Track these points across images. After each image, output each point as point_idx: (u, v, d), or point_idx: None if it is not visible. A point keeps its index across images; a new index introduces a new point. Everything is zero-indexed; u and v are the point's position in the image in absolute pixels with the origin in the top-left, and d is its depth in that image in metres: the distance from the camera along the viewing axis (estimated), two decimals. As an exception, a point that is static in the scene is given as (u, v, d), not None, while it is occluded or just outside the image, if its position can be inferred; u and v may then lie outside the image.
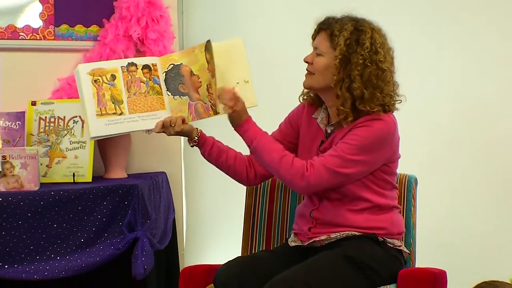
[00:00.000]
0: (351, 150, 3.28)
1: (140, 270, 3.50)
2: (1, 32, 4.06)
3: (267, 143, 3.35)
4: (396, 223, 3.49)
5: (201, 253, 5.16)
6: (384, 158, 3.40)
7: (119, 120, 3.45)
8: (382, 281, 3.34)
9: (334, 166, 3.26)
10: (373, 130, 3.33)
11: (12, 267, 3.46)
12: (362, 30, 3.35)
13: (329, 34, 3.35)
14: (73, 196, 3.55)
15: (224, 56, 3.51)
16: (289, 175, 3.29)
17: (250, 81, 3.50)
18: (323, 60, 3.36)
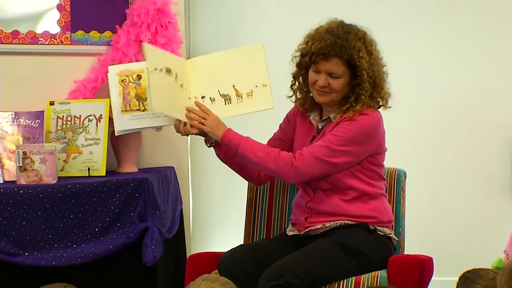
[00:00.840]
0: (338, 141, 3.30)
1: (150, 257, 3.51)
2: (21, 37, 4.06)
3: (251, 145, 3.35)
4: (385, 212, 3.49)
5: (206, 241, 5.16)
6: (370, 150, 3.42)
7: (142, 116, 3.49)
8: (374, 267, 3.35)
9: (322, 156, 3.28)
10: (359, 124, 3.35)
11: (32, 254, 3.47)
12: (367, 42, 3.39)
13: (345, 60, 3.32)
14: (88, 189, 3.55)
15: (244, 60, 3.53)
16: (277, 167, 3.30)
17: (268, 84, 3.51)
18: (342, 82, 3.36)
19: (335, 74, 3.34)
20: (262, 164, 3.36)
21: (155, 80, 3.31)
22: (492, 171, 5.33)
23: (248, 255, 3.36)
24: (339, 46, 3.31)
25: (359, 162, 3.40)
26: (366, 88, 3.34)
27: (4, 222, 3.44)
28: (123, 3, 4.12)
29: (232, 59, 3.56)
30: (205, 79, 3.51)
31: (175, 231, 3.96)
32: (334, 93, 3.36)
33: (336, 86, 3.35)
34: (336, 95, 3.38)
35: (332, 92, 3.36)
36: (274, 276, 3.13)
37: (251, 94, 3.50)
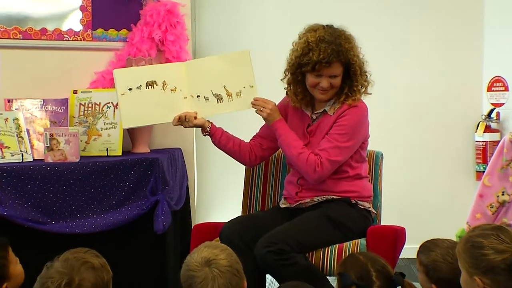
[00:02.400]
0: (344, 138, 3.35)
1: (160, 226, 3.50)
2: (49, 34, 4.04)
3: (290, 141, 3.41)
4: (366, 189, 3.51)
5: (209, 213, 5.16)
6: (363, 136, 3.44)
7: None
8: (355, 236, 3.36)
9: (335, 157, 3.33)
10: (354, 116, 3.38)
11: (58, 223, 3.45)
12: (352, 40, 3.41)
13: (344, 63, 3.35)
14: (107, 167, 3.53)
15: (234, 64, 3.54)
16: (304, 169, 3.36)
17: (255, 86, 3.55)
18: (339, 79, 3.39)
19: (335, 75, 3.36)
20: (292, 160, 3.44)
21: (126, 101, 3.41)
22: (457, 154, 5.37)
23: (246, 225, 3.36)
24: (337, 52, 3.31)
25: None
26: (359, 79, 3.40)
27: (33, 195, 3.42)
28: (138, 4, 4.10)
29: (223, 63, 3.58)
30: (199, 81, 3.54)
31: (182, 204, 3.95)
32: (334, 89, 3.39)
33: (336, 84, 3.38)
34: (335, 91, 3.40)
35: (332, 89, 3.38)
36: (268, 243, 3.12)
37: (240, 94, 3.54)
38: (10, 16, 4.00)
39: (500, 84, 5.12)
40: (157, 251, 3.64)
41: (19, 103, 3.87)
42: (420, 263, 2.75)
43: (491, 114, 5.16)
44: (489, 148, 5.07)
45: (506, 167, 3.70)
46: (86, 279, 2.33)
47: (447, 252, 2.67)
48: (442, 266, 2.67)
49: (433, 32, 5.32)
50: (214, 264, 2.36)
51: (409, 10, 5.32)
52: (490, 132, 5.14)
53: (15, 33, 4.00)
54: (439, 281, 2.67)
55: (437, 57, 5.34)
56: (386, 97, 4.33)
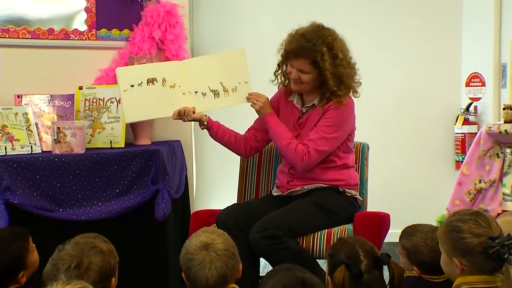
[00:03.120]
0: (330, 129, 3.36)
1: (160, 213, 3.50)
2: (56, 34, 4.03)
3: (279, 132, 3.43)
4: (353, 177, 3.52)
5: (207, 200, 5.16)
6: (349, 129, 3.45)
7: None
8: (342, 222, 3.37)
9: (321, 146, 3.34)
10: (340, 110, 3.37)
11: (65, 211, 3.45)
12: (333, 47, 3.35)
13: (310, 61, 3.32)
14: (111, 158, 3.53)
15: (229, 61, 3.56)
16: (292, 158, 3.38)
17: (249, 82, 3.57)
18: (310, 76, 3.37)
19: (304, 70, 3.35)
20: (282, 150, 3.45)
21: (128, 97, 3.42)
22: (437, 145, 5.39)
23: (241, 212, 3.36)
24: (306, 48, 3.32)
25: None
26: (330, 85, 3.34)
27: (42, 184, 3.42)
28: (139, 6, 4.09)
29: (219, 60, 3.59)
30: (197, 77, 3.55)
31: (181, 192, 3.95)
32: (304, 84, 3.38)
33: (305, 79, 3.37)
34: (306, 86, 3.41)
35: (303, 83, 3.38)
36: (261, 229, 3.14)
37: (236, 89, 3.57)
38: (19, 17, 3.99)
39: (478, 80, 5.13)
40: (158, 236, 3.64)
41: (28, 99, 3.86)
42: (402, 247, 2.76)
43: (469, 108, 5.18)
44: (467, 139, 5.08)
45: (483, 157, 3.71)
46: (94, 262, 2.34)
47: (428, 236, 2.68)
48: (422, 250, 2.68)
49: (416, 33, 5.36)
50: (212, 248, 2.37)
51: (392, 13, 5.35)
52: (468, 124, 5.16)
53: (24, 33, 3.99)
54: (420, 263, 2.68)
55: (419, 55, 5.37)
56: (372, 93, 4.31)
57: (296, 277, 1.87)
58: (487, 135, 3.68)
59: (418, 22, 5.34)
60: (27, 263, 2.62)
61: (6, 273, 2.55)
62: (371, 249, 2.24)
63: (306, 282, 1.86)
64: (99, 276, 2.32)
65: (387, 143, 5.22)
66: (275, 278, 1.89)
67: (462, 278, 2.29)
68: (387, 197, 4.65)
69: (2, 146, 3.57)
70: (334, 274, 2.18)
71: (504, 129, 3.62)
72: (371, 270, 2.15)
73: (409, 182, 5.36)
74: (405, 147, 5.39)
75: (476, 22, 5.17)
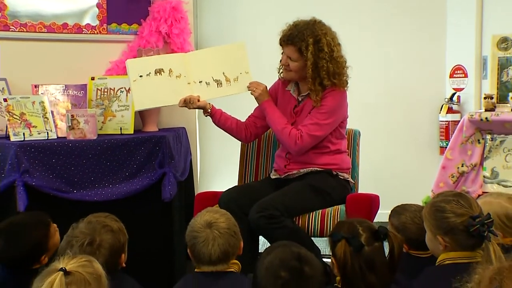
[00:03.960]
0: (323, 116, 3.35)
1: (167, 195, 3.51)
2: (70, 28, 4.02)
3: (275, 118, 3.44)
4: (345, 162, 3.52)
5: (210, 183, 5.17)
6: (341, 117, 3.45)
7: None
8: (336, 202, 3.37)
9: (314, 132, 3.34)
10: (333, 98, 3.38)
11: (79, 192, 3.45)
12: (320, 40, 3.33)
13: (297, 49, 3.34)
14: (121, 143, 3.53)
15: (231, 54, 3.56)
16: (286, 142, 3.38)
17: (249, 72, 3.57)
18: (297, 64, 3.38)
19: (292, 57, 3.37)
20: (277, 134, 3.47)
21: (137, 87, 3.42)
22: (423, 131, 5.40)
23: (241, 194, 3.37)
24: (294, 36, 3.33)
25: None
26: (308, 74, 3.34)
27: (57, 167, 3.41)
28: (147, 2, 4.08)
29: (222, 53, 3.60)
30: (201, 68, 3.55)
31: (186, 175, 3.95)
32: (292, 72, 3.39)
33: (292, 67, 3.39)
34: (295, 74, 3.42)
35: (291, 71, 3.38)
36: (260, 209, 3.14)
37: (237, 79, 3.57)
38: (36, 12, 3.97)
39: (461, 72, 5.13)
40: (164, 216, 3.65)
41: (44, 88, 3.86)
42: (391, 225, 2.77)
43: (453, 98, 5.17)
44: (451, 127, 5.08)
45: (465, 143, 3.71)
46: (105, 240, 2.35)
47: (415, 215, 2.69)
48: (410, 227, 2.68)
49: (404, 29, 5.37)
50: (215, 226, 2.37)
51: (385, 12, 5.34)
52: (452, 113, 5.16)
53: (40, 27, 3.98)
54: (408, 240, 2.69)
55: (407, 50, 5.38)
56: (364, 84, 4.32)
57: (292, 252, 1.88)
58: (469, 123, 3.68)
59: (407, 19, 5.35)
60: (48, 247, 2.63)
61: (28, 257, 2.56)
62: (370, 225, 2.23)
63: (301, 257, 1.87)
64: (109, 252, 2.32)
65: (377, 130, 5.22)
66: (273, 254, 1.90)
67: (445, 254, 2.30)
68: (377, 180, 4.65)
69: (21, 132, 3.57)
70: (335, 250, 2.16)
71: (485, 116, 3.62)
72: (371, 242, 2.13)
73: (397, 166, 5.37)
74: (394, 134, 5.39)
75: (459, 18, 5.16)
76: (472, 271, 1.77)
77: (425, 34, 5.36)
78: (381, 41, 5.35)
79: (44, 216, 2.71)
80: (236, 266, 2.43)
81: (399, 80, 5.38)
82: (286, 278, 1.82)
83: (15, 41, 3.95)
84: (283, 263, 1.85)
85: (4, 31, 3.91)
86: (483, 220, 2.18)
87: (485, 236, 2.15)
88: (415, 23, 5.35)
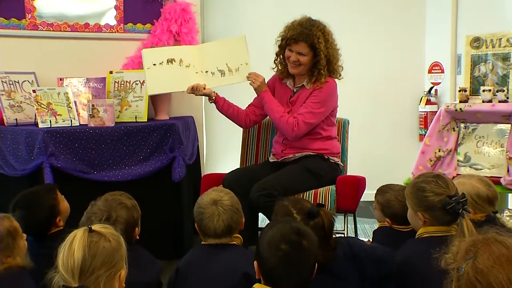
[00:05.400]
0: (317, 105, 3.34)
1: (177, 176, 3.50)
2: (91, 28, 4.00)
3: (273, 107, 3.41)
4: (335, 147, 3.51)
5: (215, 166, 5.16)
6: (333, 106, 3.44)
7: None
8: (327, 183, 3.36)
9: (309, 119, 3.32)
10: (326, 89, 3.37)
11: (98, 173, 3.44)
12: (325, 32, 3.36)
13: (309, 44, 3.31)
14: (136, 130, 3.51)
15: (233, 46, 3.52)
16: (284, 129, 3.36)
17: (249, 63, 3.54)
18: (307, 58, 3.36)
19: (302, 53, 3.33)
20: (275, 122, 3.44)
21: (151, 74, 3.43)
22: (404, 120, 5.42)
23: (243, 175, 3.36)
24: (305, 34, 3.30)
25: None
26: (323, 63, 3.34)
27: (80, 151, 3.41)
28: (159, 4, 4.05)
29: (225, 46, 3.56)
30: (208, 59, 3.53)
31: (194, 159, 3.94)
32: (302, 66, 3.36)
33: (303, 61, 3.34)
34: (303, 67, 3.38)
35: (301, 65, 3.35)
36: (260, 189, 3.13)
37: (238, 69, 3.53)
38: (61, 14, 3.97)
39: (438, 68, 5.11)
40: (174, 195, 3.65)
41: (68, 81, 3.85)
42: (377, 202, 2.76)
43: (431, 91, 5.17)
44: (429, 116, 5.08)
45: (442, 131, 3.70)
46: (121, 215, 2.34)
47: (398, 194, 2.68)
48: (394, 204, 2.68)
49: (388, 29, 5.37)
50: (220, 203, 2.37)
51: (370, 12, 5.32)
52: (430, 104, 5.16)
53: (65, 27, 3.97)
54: (391, 216, 2.69)
55: (390, 47, 5.39)
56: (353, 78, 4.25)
57: (292, 227, 1.87)
58: (446, 113, 3.66)
59: (390, 20, 5.35)
60: (60, 210, 2.65)
61: (46, 219, 2.58)
62: (302, 205, 2.20)
63: (300, 231, 1.86)
64: (124, 227, 2.31)
65: (364, 119, 5.22)
66: (275, 228, 1.89)
67: (424, 228, 2.31)
68: (364, 163, 4.62)
69: (48, 120, 3.55)
70: None
71: (459, 107, 3.60)
72: (306, 222, 2.10)
73: (381, 151, 5.37)
74: (378, 123, 5.40)
75: (437, 20, 5.17)
76: (448, 243, 1.78)
77: (406, 34, 5.37)
78: (367, 40, 5.35)
79: (50, 184, 2.75)
80: (238, 239, 2.43)
81: (383, 75, 5.39)
82: (286, 250, 1.81)
83: (42, 39, 3.96)
84: (284, 237, 1.84)
85: (33, 30, 3.94)
86: (459, 199, 2.18)
87: (460, 213, 2.15)
88: (398, 25, 5.36)
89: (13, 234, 2.18)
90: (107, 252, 1.73)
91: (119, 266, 1.76)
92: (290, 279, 1.82)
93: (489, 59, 3.67)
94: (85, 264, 1.68)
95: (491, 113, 3.50)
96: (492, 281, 1.45)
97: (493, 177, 3.31)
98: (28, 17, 3.91)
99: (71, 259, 1.68)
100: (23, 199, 2.60)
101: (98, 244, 1.72)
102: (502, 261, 1.48)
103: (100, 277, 1.69)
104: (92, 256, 1.70)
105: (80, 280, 1.67)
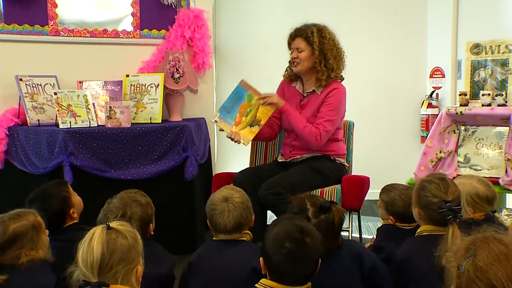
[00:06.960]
0: (333, 112, 3.34)
1: (189, 175, 3.51)
2: (109, 33, 4.01)
3: (297, 118, 3.36)
4: (341, 148, 3.50)
5: (225, 165, 5.15)
6: (344, 110, 3.45)
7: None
8: (333, 183, 3.36)
9: (330, 127, 3.32)
10: (338, 95, 3.37)
11: (115, 171, 3.45)
12: (321, 30, 3.37)
13: (304, 37, 3.34)
14: (151, 131, 3.52)
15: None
16: (308, 139, 3.33)
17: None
18: (305, 53, 3.35)
19: (300, 48, 3.36)
20: (298, 133, 3.38)
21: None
22: (407, 123, 5.40)
23: (252, 174, 3.36)
24: (300, 30, 3.37)
25: None
26: (319, 58, 3.33)
27: (98, 150, 3.42)
28: (173, 11, 4.06)
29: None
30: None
31: (205, 158, 3.95)
32: (301, 63, 3.36)
33: (301, 56, 3.36)
34: (303, 64, 3.38)
35: (300, 62, 3.34)
36: (268, 187, 3.13)
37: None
38: (81, 20, 3.99)
39: (439, 73, 5.09)
40: (187, 193, 3.65)
41: (87, 84, 3.86)
42: (381, 200, 2.76)
43: (432, 95, 5.15)
44: (430, 119, 5.06)
45: (443, 133, 3.68)
46: (135, 212, 2.34)
47: (402, 193, 2.67)
48: (398, 203, 2.67)
49: (391, 35, 5.35)
50: (230, 201, 2.36)
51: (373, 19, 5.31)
52: (432, 108, 5.13)
53: (84, 33, 3.98)
54: (395, 214, 2.68)
55: (393, 53, 5.37)
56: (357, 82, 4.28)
57: (296, 225, 1.86)
58: (447, 116, 3.65)
59: (393, 27, 5.34)
60: (73, 202, 2.63)
61: (60, 211, 2.57)
62: (317, 200, 2.22)
63: (304, 229, 1.85)
64: (139, 223, 2.31)
65: (369, 122, 5.20)
66: (279, 226, 1.88)
67: (424, 226, 2.31)
68: (368, 164, 4.59)
69: (68, 121, 3.57)
70: None
71: (459, 111, 3.58)
72: (317, 215, 2.12)
73: (385, 153, 5.35)
74: (382, 125, 5.38)
75: (438, 26, 5.15)
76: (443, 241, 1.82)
77: (409, 40, 5.34)
78: (371, 47, 5.33)
79: (60, 180, 2.78)
80: (247, 236, 2.42)
81: (387, 80, 5.37)
82: (290, 248, 1.80)
83: (64, 44, 3.98)
84: (288, 234, 1.83)
85: (55, 36, 3.95)
86: (452, 206, 2.18)
87: (448, 219, 2.14)
88: (401, 32, 5.34)
89: (37, 228, 2.19)
90: (124, 248, 1.72)
91: (136, 262, 1.76)
92: (294, 275, 1.82)
93: (488, 65, 3.65)
94: (104, 260, 1.68)
95: (490, 116, 3.49)
96: (492, 278, 1.44)
97: (492, 178, 3.29)
98: (51, 23, 3.92)
99: (90, 256, 1.68)
100: (36, 195, 2.60)
101: (116, 241, 1.72)
102: (501, 259, 1.47)
103: (118, 273, 1.69)
104: (111, 252, 1.70)
105: (99, 276, 1.67)
